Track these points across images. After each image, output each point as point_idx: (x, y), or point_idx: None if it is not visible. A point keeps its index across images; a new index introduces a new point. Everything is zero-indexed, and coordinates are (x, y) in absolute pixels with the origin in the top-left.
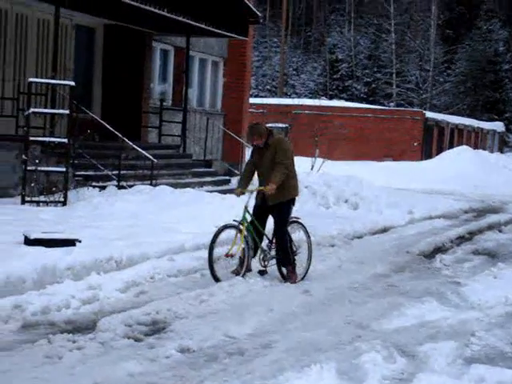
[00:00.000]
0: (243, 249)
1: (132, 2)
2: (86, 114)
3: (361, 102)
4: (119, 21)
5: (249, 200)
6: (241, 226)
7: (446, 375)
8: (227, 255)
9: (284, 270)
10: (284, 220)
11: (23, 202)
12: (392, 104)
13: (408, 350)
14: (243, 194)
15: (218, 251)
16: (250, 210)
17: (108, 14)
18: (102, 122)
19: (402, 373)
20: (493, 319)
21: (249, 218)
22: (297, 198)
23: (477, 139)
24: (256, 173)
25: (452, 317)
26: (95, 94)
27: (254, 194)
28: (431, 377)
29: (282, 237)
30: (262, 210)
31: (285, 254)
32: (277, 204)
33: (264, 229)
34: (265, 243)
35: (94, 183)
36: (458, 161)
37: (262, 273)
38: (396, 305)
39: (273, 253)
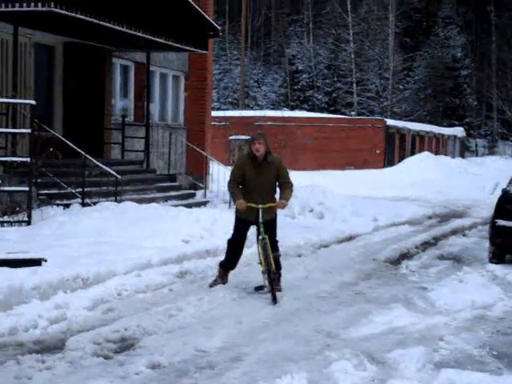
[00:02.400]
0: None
1: (90, 19)
2: (48, 132)
3: (322, 112)
4: (78, 38)
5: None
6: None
7: (416, 381)
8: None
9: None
10: (276, 232)
11: None
12: (353, 113)
13: (378, 356)
14: (251, 208)
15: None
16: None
17: (67, 32)
18: (64, 139)
19: (373, 380)
20: (460, 323)
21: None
22: None
23: (438, 145)
24: (243, 187)
25: (420, 322)
26: (56, 111)
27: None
28: (402, 383)
29: (277, 247)
30: (247, 225)
31: (279, 262)
32: (269, 220)
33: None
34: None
35: (58, 201)
36: (420, 167)
37: (261, 288)
38: (364, 312)
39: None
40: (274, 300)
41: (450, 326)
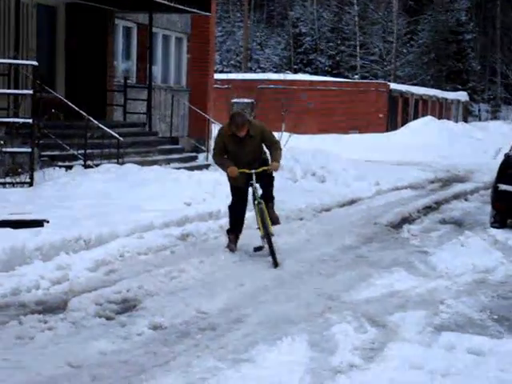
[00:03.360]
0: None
1: None
2: (50, 93)
3: (325, 76)
4: None
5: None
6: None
7: (416, 343)
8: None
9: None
10: (273, 186)
11: None
12: (356, 76)
13: (378, 319)
14: (243, 173)
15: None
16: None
17: None
18: (66, 101)
19: (373, 342)
20: (461, 287)
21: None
22: None
23: (441, 109)
24: (230, 158)
25: (421, 286)
26: (58, 73)
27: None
28: (402, 345)
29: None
30: (244, 190)
31: (271, 191)
32: (265, 175)
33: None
34: None
35: (60, 163)
36: (423, 131)
37: (260, 249)
38: (365, 276)
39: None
40: (275, 264)
41: (451, 289)
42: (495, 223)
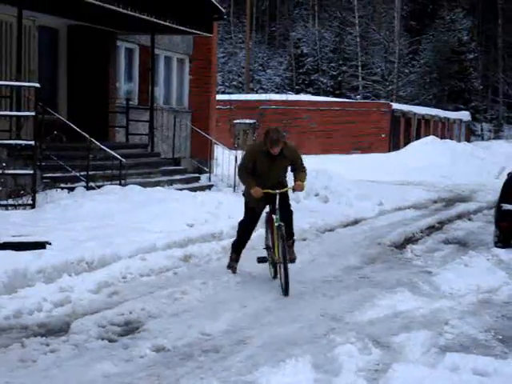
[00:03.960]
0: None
1: (95, 2)
2: (52, 115)
3: (327, 96)
4: (83, 21)
5: (274, 202)
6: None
7: (421, 364)
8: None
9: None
10: (290, 208)
11: None
12: (358, 97)
13: (382, 340)
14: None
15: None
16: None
17: (71, 15)
18: (68, 122)
19: (378, 364)
20: (465, 307)
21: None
22: None
23: (444, 129)
24: (256, 177)
25: (425, 306)
26: (61, 95)
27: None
28: (406, 366)
29: (291, 213)
30: (258, 214)
31: (292, 227)
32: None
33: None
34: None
35: (62, 185)
36: (425, 151)
37: (264, 260)
38: (369, 296)
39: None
40: (286, 292)
41: (455, 310)
42: (499, 243)
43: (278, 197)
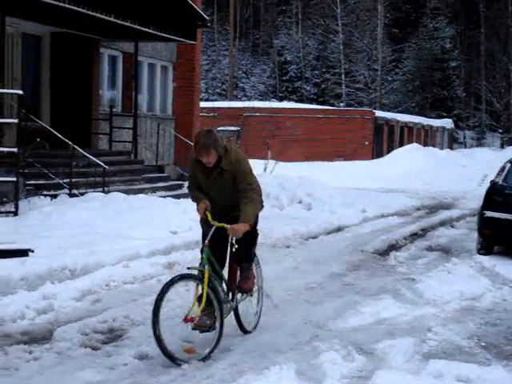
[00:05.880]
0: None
1: (78, 9)
2: (35, 122)
3: (311, 103)
4: (66, 28)
5: (211, 235)
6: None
7: (404, 371)
8: (187, 319)
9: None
10: (254, 244)
11: None
12: (342, 104)
13: (366, 347)
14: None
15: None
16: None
17: (54, 22)
18: (51, 130)
19: (361, 371)
20: (449, 314)
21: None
22: None
23: (426, 137)
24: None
25: (408, 313)
26: (44, 102)
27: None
28: (390, 374)
29: (251, 257)
30: (219, 241)
31: (248, 254)
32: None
33: (223, 267)
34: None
35: (45, 192)
36: (408, 158)
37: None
38: (352, 303)
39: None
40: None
41: (439, 317)
42: (482, 250)
43: (212, 230)
